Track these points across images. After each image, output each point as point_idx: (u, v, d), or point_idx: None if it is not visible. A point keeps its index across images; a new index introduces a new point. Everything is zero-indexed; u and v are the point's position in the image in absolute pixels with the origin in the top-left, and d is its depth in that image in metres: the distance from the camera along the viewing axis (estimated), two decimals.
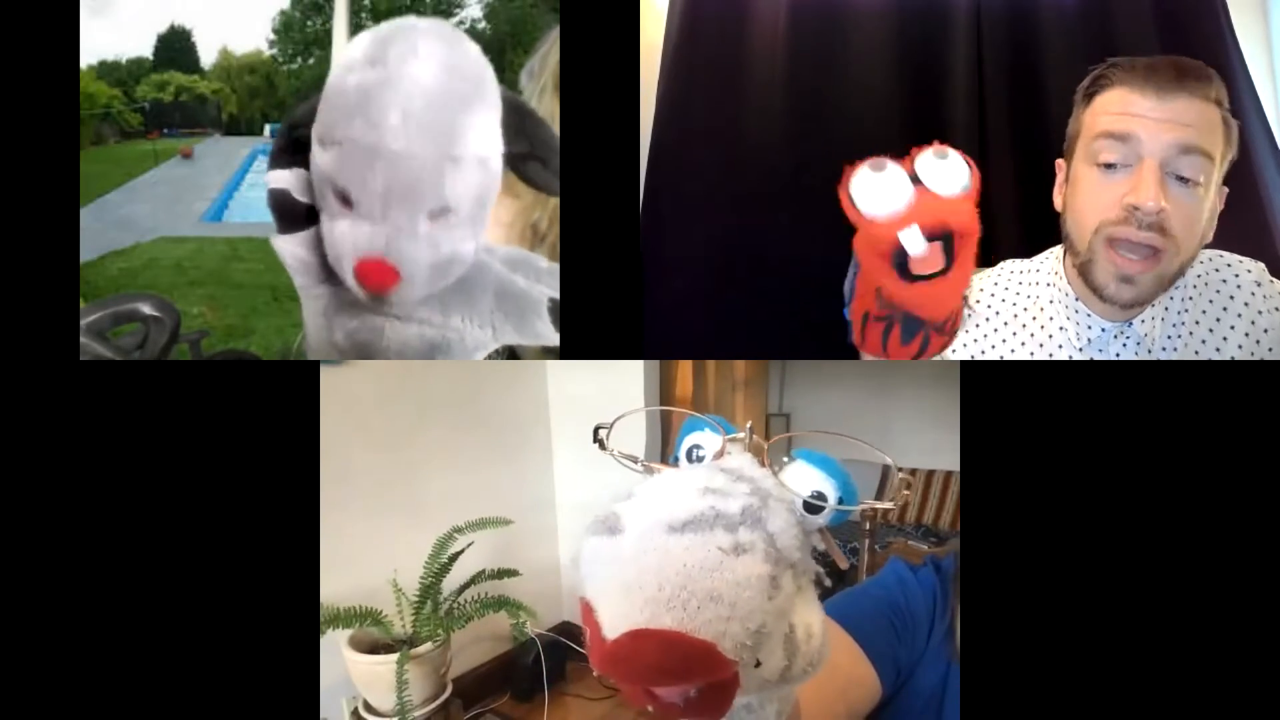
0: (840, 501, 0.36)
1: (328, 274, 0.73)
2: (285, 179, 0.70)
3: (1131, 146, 0.83)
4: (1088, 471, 0.83)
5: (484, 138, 0.67)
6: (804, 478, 0.37)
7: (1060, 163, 0.92)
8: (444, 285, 0.72)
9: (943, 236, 0.83)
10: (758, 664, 0.32)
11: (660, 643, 0.28)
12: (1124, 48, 1.20)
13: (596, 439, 0.42)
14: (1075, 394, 0.84)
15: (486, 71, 0.67)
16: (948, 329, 0.94)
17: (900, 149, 0.87)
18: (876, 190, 0.83)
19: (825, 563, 0.38)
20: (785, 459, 0.38)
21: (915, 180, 0.83)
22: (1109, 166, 0.84)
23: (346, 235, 0.66)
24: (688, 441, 0.40)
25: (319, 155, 0.66)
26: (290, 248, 0.73)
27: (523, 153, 0.71)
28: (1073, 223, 0.89)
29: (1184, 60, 0.86)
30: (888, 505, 0.38)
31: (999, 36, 1.25)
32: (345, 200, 0.65)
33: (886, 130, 1.26)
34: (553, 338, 0.78)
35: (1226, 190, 0.87)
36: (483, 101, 0.66)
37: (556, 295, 0.78)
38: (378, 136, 0.61)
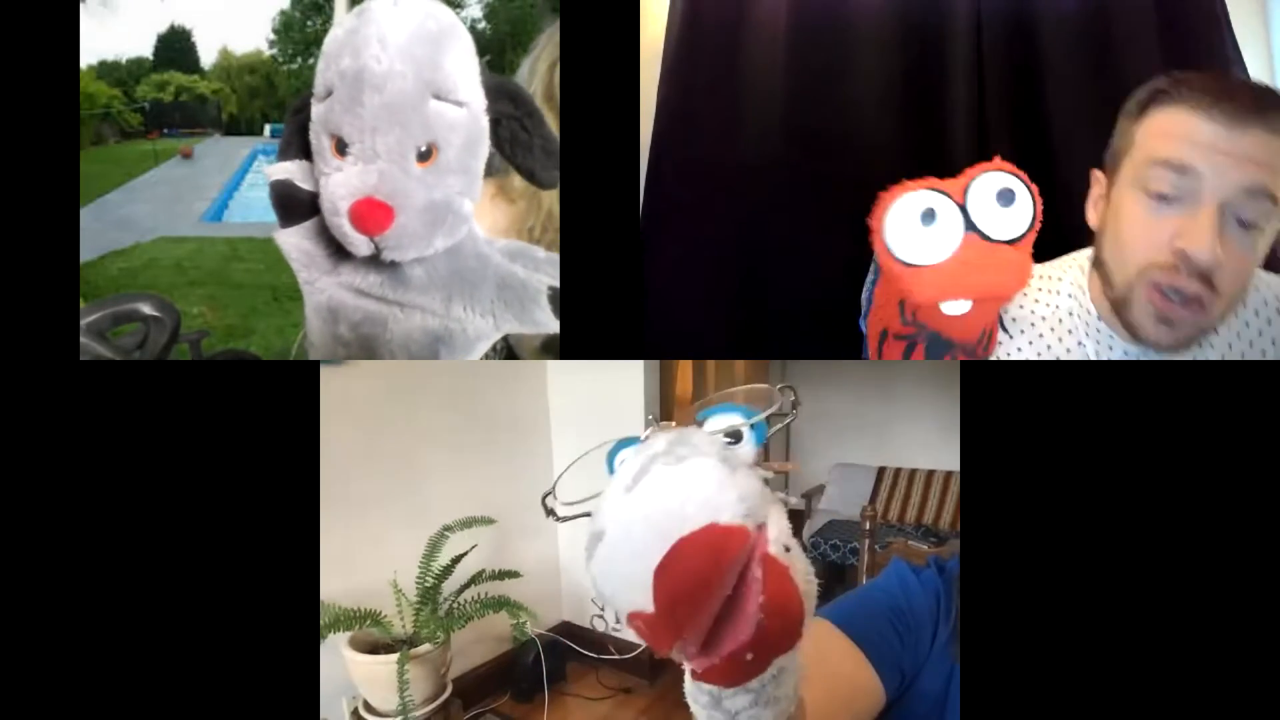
0: (750, 425, 0.40)
1: (332, 264, 0.73)
2: (287, 169, 0.72)
3: (1191, 181, 0.73)
4: (1089, 472, 0.82)
5: (463, 81, 0.70)
6: (714, 425, 0.41)
7: (1098, 174, 0.84)
8: (442, 238, 0.72)
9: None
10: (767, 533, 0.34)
11: (678, 555, 0.31)
12: (1124, 53, 1.20)
13: (547, 510, 0.46)
14: (1076, 394, 0.84)
15: (460, 27, 0.71)
16: (979, 350, 0.83)
17: (901, 150, 0.85)
18: (920, 241, 0.69)
19: (827, 565, 0.39)
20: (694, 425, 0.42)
21: (967, 221, 0.69)
22: (1161, 198, 0.74)
23: (339, 184, 0.68)
24: (618, 460, 0.43)
25: (316, 111, 0.69)
26: (293, 240, 0.73)
27: (507, 113, 0.73)
28: (1113, 253, 0.80)
29: (1262, 87, 0.75)
30: (789, 416, 0.44)
31: (999, 43, 1.25)
32: (340, 148, 0.68)
33: (886, 133, 1.26)
34: (552, 325, 0.79)
35: None
36: (457, 43, 0.70)
37: (555, 283, 0.79)
38: (362, 63, 0.66)
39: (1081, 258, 0.89)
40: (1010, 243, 0.69)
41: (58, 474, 0.82)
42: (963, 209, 0.69)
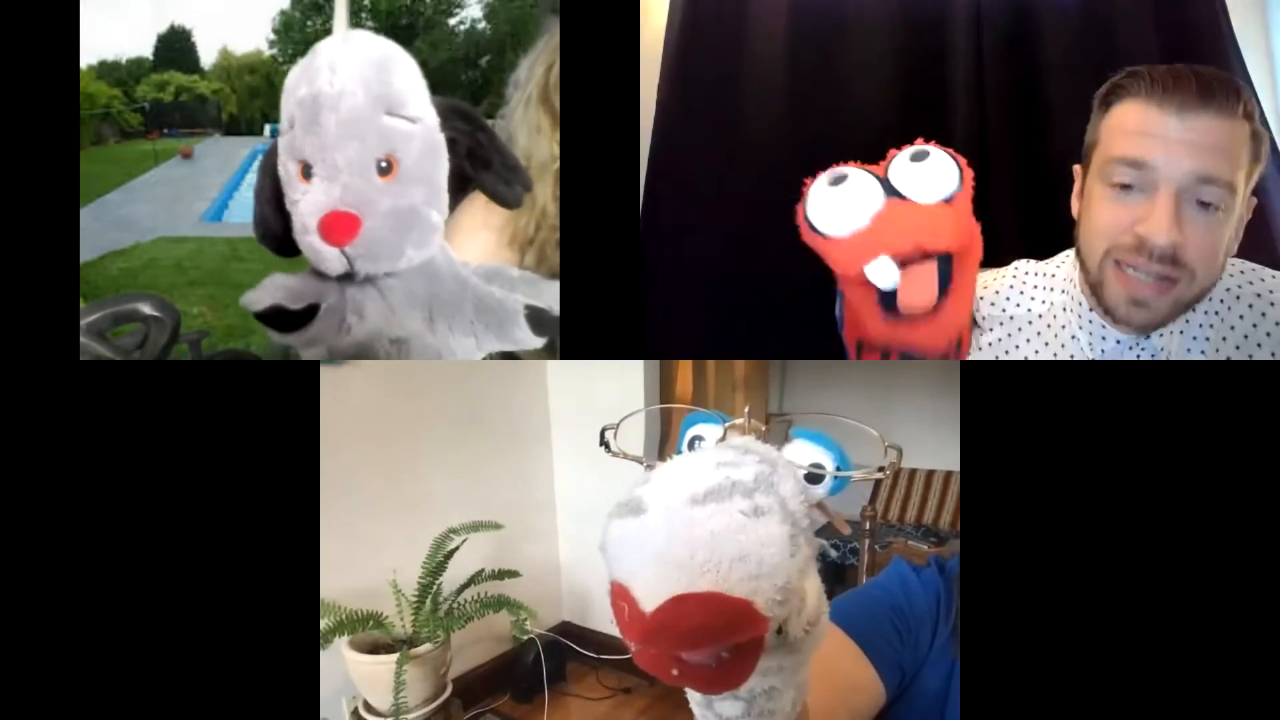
0: (838, 470, 0.39)
1: (329, 352, 0.75)
2: (268, 295, 0.73)
3: (1147, 173, 0.77)
4: (1088, 472, 0.83)
5: (413, 98, 0.73)
6: (802, 453, 0.39)
7: (1077, 169, 0.88)
8: (413, 247, 0.74)
9: (921, 258, 0.70)
10: (780, 630, 0.33)
11: (702, 604, 0.30)
12: (1125, 50, 1.20)
13: (603, 441, 0.44)
14: (1076, 394, 0.84)
15: (404, 54, 0.75)
16: (944, 355, 0.87)
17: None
18: (835, 205, 0.71)
19: (827, 563, 0.39)
20: (784, 439, 0.40)
21: (888, 189, 0.71)
22: (1123, 187, 0.79)
23: (309, 204, 0.71)
24: (689, 434, 0.42)
25: (281, 143, 0.72)
26: (292, 342, 0.76)
27: (462, 130, 0.77)
28: (1084, 240, 0.85)
29: (1209, 73, 0.79)
30: (877, 475, 0.41)
31: (999, 40, 1.25)
32: (306, 173, 0.71)
33: (886, 133, 1.25)
34: (533, 342, 0.82)
35: (1255, 201, 0.83)
36: (403, 66, 0.74)
37: (533, 302, 0.81)
38: (316, 88, 0.70)
39: (1074, 253, 0.90)
40: (941, 202, 0.72)
41: (58, 474, 0.82)
42: (883, 180, 0.72)
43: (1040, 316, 0.91)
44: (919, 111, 1.25)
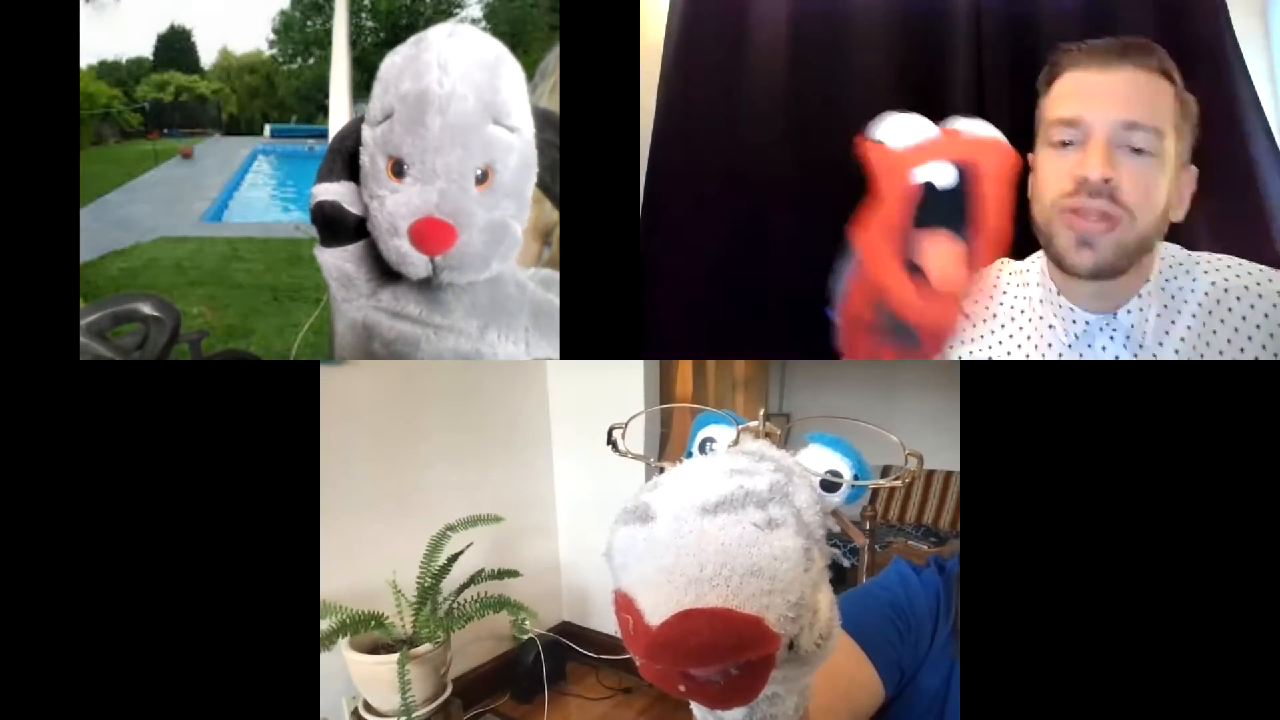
0: (855, 478, 0.37)
1: (371, 289, 0.74)
2: (336, 190, 0.72)
3: (1081, 129, 0.85)
4: (1087, 471, 0.83)
5: (517, 107, 0.71)
6: (818, 458, 0.37)
7: (1031, 156, 0.94)
8: (498, 261, 0.73)
9: (964, 169, 0.84)
10: (791, 645, 0.32)
11: (710, 620, 0.28)
12: None
13: (610, 440, 0.43)
14: (1075, 394, 0.84)
15: (511, 57, 0.73)
16: (944, 337, 0.94)
17: None
18: (900, 125, 0.84)
19: (831, 564, 0.38)
20: (800, 443, 0.38)
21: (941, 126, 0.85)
22: (1064, 144, 0.87)
23: (399, 204, 0.68)
24: (701, 435, 0.40)
25: (372, 134, 0.70)
26: (336, 260, 0.74)
27: (550, 141, 0.76)
28: (1036, 206, 0.90)
29: (1128, 38, 0.90)
30: (896, 483, 0.39)
31: (999, 37, 1.25)
32: (397, 170, 0.69)
33: None
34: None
35: (1195, 171, 0.89)
36: (510, 71, 0.71)
37: None
38: (424, 86, 0.67)
39: (1034, 229, 0.94)
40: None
41: (58, 474, 0.82)
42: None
43: (1022, 313, 0.95)
44: (919, 108, 1.25)
